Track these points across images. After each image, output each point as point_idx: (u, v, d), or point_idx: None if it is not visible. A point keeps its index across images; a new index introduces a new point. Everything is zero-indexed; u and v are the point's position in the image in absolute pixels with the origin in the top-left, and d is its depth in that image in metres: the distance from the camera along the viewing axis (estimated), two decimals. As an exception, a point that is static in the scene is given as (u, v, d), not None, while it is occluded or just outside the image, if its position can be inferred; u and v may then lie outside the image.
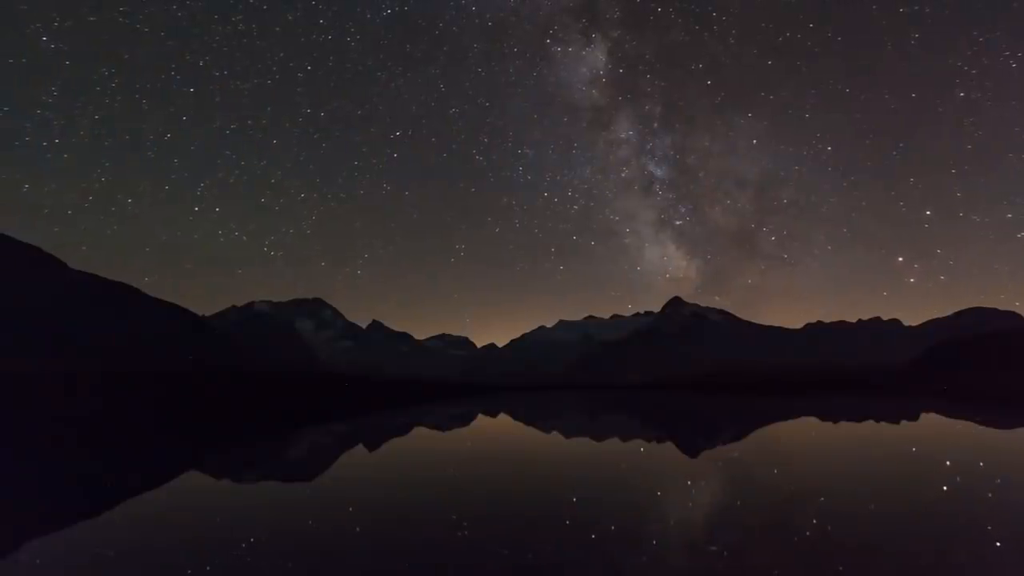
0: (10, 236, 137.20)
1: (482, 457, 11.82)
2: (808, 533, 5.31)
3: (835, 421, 20.46)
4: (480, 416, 27.76)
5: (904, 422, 19.61)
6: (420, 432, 19.25)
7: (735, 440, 14.72)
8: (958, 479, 8.04)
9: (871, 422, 19.57)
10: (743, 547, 4.94)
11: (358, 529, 5.87)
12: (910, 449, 11.65)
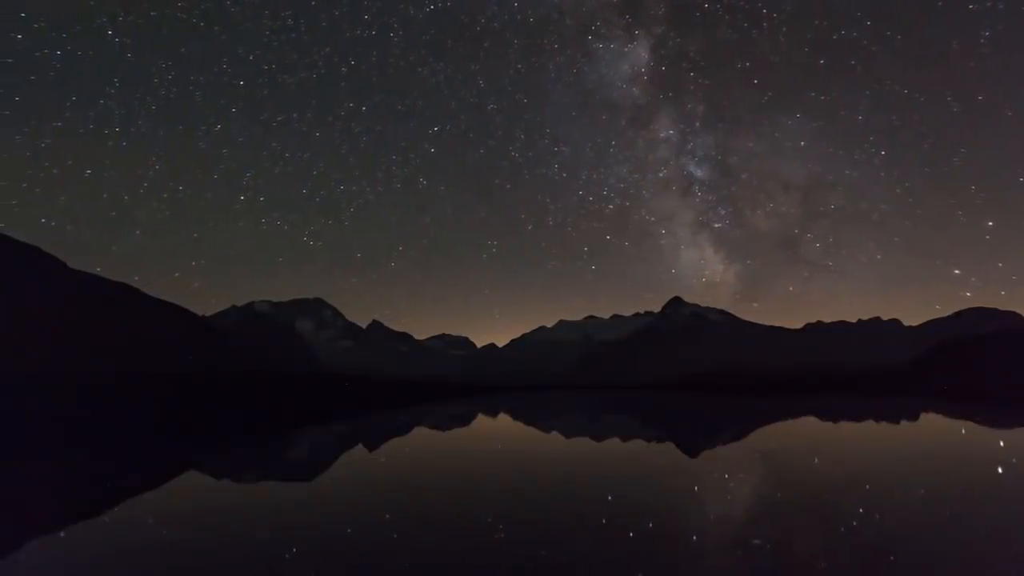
0: (10, 236, 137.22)
1: (482, 457, 11.82)
2: (810, 534, 5.31)
3: (835, 421, 20.46)
4: (480, 416, 27.75)
5: (904, 422, 19.61)
6: (420, 432, 19.24)
7: (735, 440, 14.72)
8: (958, 479, 8.04)
9: (871, 422, 19.57)
10: (747, 547, 4.93)
11: (358, 529, 5.87)
12: (910, 449, 11.65)
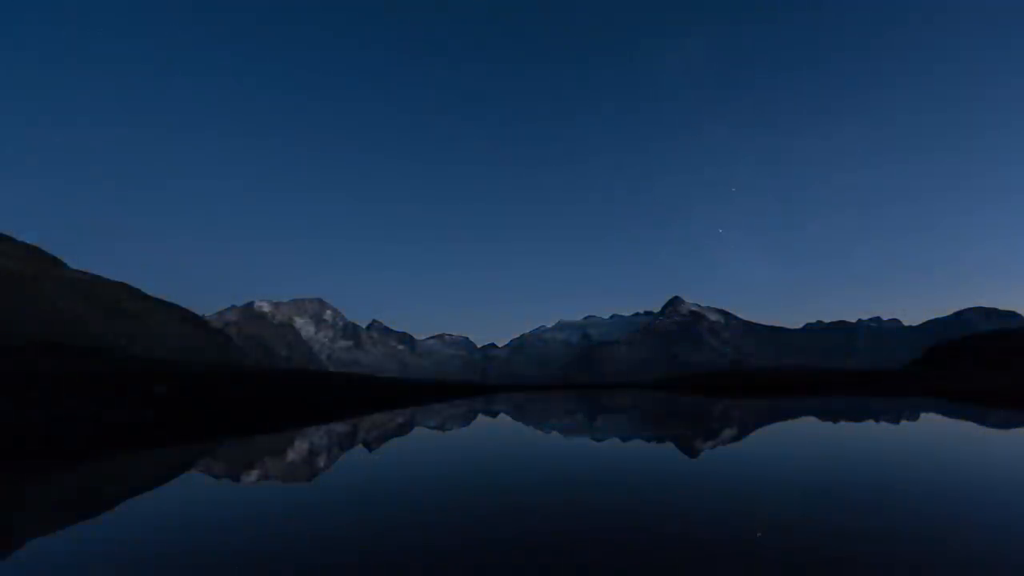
0: (10, 236, 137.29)
1: (482, 458, 11.83)
2: (810, 534, 5.31)
3: (835, 421, 20.46)
4: (480, 416, 27.74)
5: (904, 422, 19.61)
6: (420, 432, 19.25)
7: (735, 440, 14.72)
8: (958, 479, 8.05)
9: (871, 422, 19.57)
10: (747, 546, 4.94)
11: (358, 529, 5.87)
12: (910, 449, 11.66)
